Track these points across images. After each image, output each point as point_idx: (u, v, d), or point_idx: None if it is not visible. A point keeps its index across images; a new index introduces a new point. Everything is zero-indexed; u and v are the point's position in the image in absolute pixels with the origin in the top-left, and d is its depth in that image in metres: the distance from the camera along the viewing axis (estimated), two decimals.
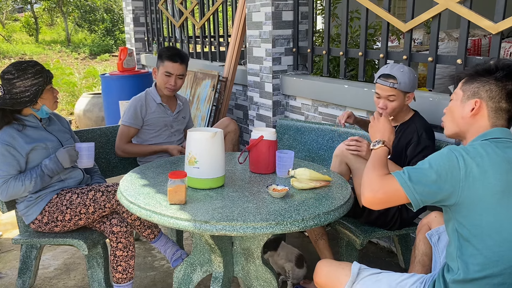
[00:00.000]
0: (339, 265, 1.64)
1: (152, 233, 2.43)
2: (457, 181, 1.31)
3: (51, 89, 2.25)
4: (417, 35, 5.69)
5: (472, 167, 1.31)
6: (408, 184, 1.35)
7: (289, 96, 3.48)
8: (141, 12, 5.97)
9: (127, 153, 2.81)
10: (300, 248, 2.58)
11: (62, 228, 2.25)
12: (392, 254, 2.86)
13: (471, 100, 1.41)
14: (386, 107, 2.16)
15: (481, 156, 1.32)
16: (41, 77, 2.17)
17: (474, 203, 1.32)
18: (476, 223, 1.33)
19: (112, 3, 17.63)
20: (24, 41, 15.97)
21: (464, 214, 1.35)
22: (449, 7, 2.43)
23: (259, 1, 3.37)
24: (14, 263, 2.81)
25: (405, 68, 2.13)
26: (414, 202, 1.35)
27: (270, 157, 2.16)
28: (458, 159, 1.32)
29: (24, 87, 2.14)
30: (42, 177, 2.16)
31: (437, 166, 1.34)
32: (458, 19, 2.46)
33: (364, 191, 1.43)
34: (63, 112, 7.30)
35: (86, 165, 2.30)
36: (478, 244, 1.34)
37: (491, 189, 1.30)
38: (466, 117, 1.42)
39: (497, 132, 1.39)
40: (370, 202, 1.41)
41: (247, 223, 1.61)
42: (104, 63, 12.54)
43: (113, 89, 4.61)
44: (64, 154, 2.18)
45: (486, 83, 1.40)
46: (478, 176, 1.30)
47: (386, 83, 2.12)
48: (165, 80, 2.75)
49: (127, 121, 2.77)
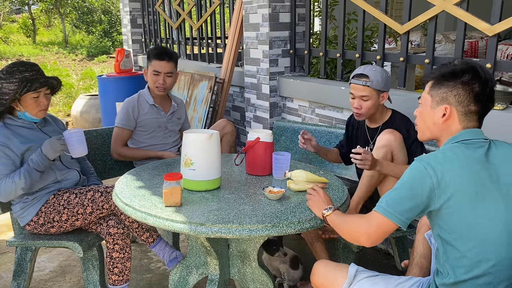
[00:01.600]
0: (336, 267, 1.64)
1: (151, 236, 2.40)
2: (431, 190, 1.34)
3: (36, 99, 2.14)
4: (414, 37, 5.70)
5: (443, 173, 1.33)
6: (388, 210, 1.38)
7: (286, 98, 3.48)
8: (138, 14, 5.96)
9: (122, 157, 2.79)
10: (296, 250, 2.57)
11: (58, 229, 2.23)
12: (389, 256, 2.86)
13: (441, 106, 1.43)
14: (360, 107, 2.18)
15: (451, 160, 1.35)
16: (23, 84, 2.08)
17: (450, 207, 1.33)
18: (455, 227, 1.35)
19: (110, 5, 17.60)
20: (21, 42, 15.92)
21: (443, 219, 1.36)
22: (445, 9, 2.43)
23: (256, 3, 3.37)
24: (9, 265, 2.80)
25: (378, 67, 2.17)
26: (400, 224, 1.38)
27: (266, 159, 2.15)
28: (427, 168, 1.34)
29: (8, 89, 2.09)
30: (30, 172, 2.09)
31: (409, 182, 1.37)
32: (455, 21, 2.46)
33: (358, 239, 1.46)
34: (60, 113, 7.28)
35: (79, 152, 2.15)
36: (460, 247, 1.35)
37: (464, 192, 1.32)
38: (438, 123, 1.44)
39: (467, 134, 1.41)
40: (369, 243, 1.44)
41: (243, 225, 1.60)
42: (101, 64, 12.51)
43: (110, 91, 4.60)
44: (46, 145, 2.11)
45: (453, 88, 1.40)
46: (450, 180, 1.32)
47: (359, 81, 2.15)
48: (154, 79, 2.73)
49: (119, 123, 2.76)
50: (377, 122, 2.28)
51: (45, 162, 2.12)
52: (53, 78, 2.22)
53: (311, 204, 1.73)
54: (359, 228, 1.45)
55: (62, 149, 2.13)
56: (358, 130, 2.40)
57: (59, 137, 2.14)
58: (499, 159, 1.37)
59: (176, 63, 2.79)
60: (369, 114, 2.21)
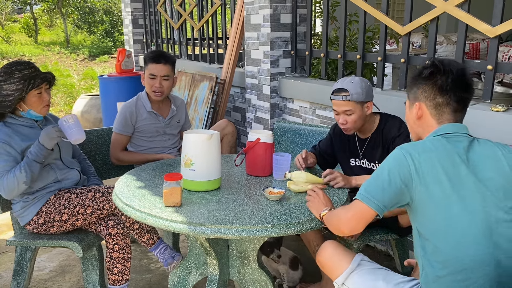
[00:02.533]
0: (344, 251, 1.67)
1: (151, 238, 2.39)
2: (408, 179, 1.36)
3: (39, 95, 2.16)
4: (415, 38, 5.69)
5: (421, 162, 1.35)
6: (365, 195, 1.41)
7: (287, 99, 3.48)
8: (140, 14, 5.97)
9: (121, 161, 2.77)
10: (296, 251, 2.57)
11: (59, 228, 2.23)
12: (390, 257, 2.85)
13: (414, 105, 1.51)
14: (346, 122, 2.09)
15: (430, 150, 1.38)
16: (26, 82, 2.09)
17: (427, 199, 1.35)
18: (432, 220, 1.35)
19: (112, 5, 17.64)
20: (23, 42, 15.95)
21: (420, 212, 1.38)
22: (447, 11, 2.43)
23: (258, 3, 3.37)
24: (8, 264, 2.80)
25: (356, 79, 2.08)
26: (377, 210, 1.40)
27: (266, 160, 2.15)
28: (406, 157, 1.37)
29: (9, 90, 2.09)
30: (30, 164, 2.08)
31: (387, 168, 1.40)
32: (457, 22, 2.46)
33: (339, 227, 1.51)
34: (61, 113, 7.29)
35: (77, 137, 2.11)
36: (437, 241, 1.35)
37: (441, 184, 1.34)
38: (416, 121, 1.52)
39: (448, 128, 1.44)
40: (348, 230, 1.48)
41: (242, 226, 1.60)
42: (103, 64, 12.53)
43: (111, 91, 4.60)
44: (42, 133, 2.11)
45: (420, 85, 1.48)
46: (427, 171, 1.35)
47: (338, 97, 2.06)
48: (151, 83, 2.67)
49: (117, 129, 2.73)
50: (367, 132, 2.20)
51: (43, 152, 2.09)
52: (48, 73, 2.24)
53: (311, 205, 1.74)
54: (340, 216, 1.50)
55: (59, 135, 2.11)
56: (347, 142, 2.29)
57: (55, 125, 2.14)
58: (479, 154, 1.39)
59: (173, 66, 2.74)
60: (357, 127, 2.13)
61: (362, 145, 2.22)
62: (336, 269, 1.63)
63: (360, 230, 1.48)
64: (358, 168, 2.23)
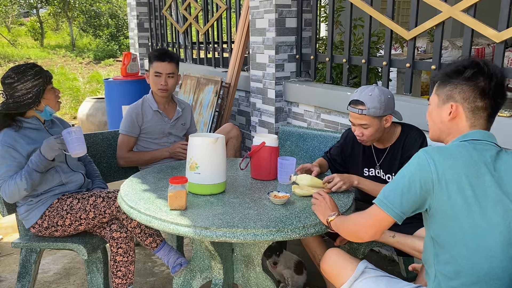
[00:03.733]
0: (348, 259, 1.65)
1: (154, 241, 2.39)
2: (429, 186, 1.31)
3: (52, 89, 2.24)
4: (420, 43, 5.70)
5: (445, 169, 1.29)
6: (384, 202, 1.36)
7: (292, 103, 3.48)
8: (145, 18, 6.00)
9: (128, 162, 2.78)
10: (301, 256, 2.56)
11: (62, 232, 2.24)
12: (394, 262, 2.84)
13: (447, 104, 1.40)
14: (362, 134, 2.03)
15: (455, 157, 1.31)
16: (40, 77, 2.17)
17: (447, 208, 1.30)
18: (449, 229, 1.32)
19: (117, 9, 17.73)
20: (29, 45, 16.05)
21: (438, 220, 1.33)
22: (453, 16, 2.43)
23: (263, 8, 3.38)
24: (13, 266, 2.81)
25: (375, 90, 1.97)
26: (395, 217, 1.36)
27: (271, 164, 2.15)
28: (429, 162, 1.31)
29: (25, 89, 2.14)
30: (30, 173, 2.10)
31: (409, 173, 1.34)
32: (462, 27, 2.46)
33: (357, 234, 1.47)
34: (67, 116, 7.32)
35: (78, 151, 2.12)
36: (452, 251, 1.32)
37: (463, 194, 1.28)
38: (445, 121, 1.42)
39: (477, 134, 1.37)
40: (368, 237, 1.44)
41: (247, 229, 1.60)
42: (108, 68, 12.59)
43: (116, 94, 4.62)
44: (44, 144, 2.12)
45: (457, 85, 1.38)
46: (451, 179, 1.29)
47: (355, 110, 1.98)
48: (156, 81, 2.72)
49: (124, 130, 2.75)
50: (386, 143, 2.12)
51: (43, 163, 2.11)
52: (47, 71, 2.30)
53: (316, 209, 1.73)
54: (358, 222, 1.47)
55: (61, 148, 2.13)
56: (361, 151, 2.22)
57: (57, 136, 2.14)
58: (506, 166, 1.33)
59: (177, 64, 2.78)
60: (374, 139, 2.05)
61: (380, 155, 2.16)
62: (340, 277, 1.61)
63: (379, 236, 1.44)
64: (373, 178, 2.17)
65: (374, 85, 2.04)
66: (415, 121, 2.32)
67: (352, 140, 2.23)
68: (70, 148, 2.11)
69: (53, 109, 2.25)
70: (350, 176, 2.06)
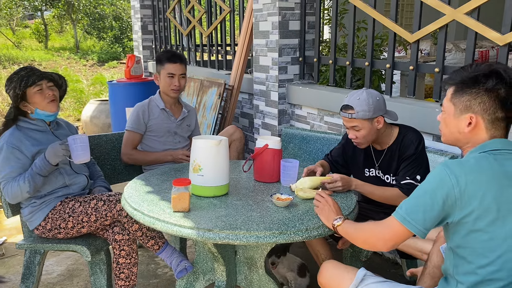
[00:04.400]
0: (345, 269, 1.63)
1: (156, 243, 2.39)
2: (452, 201, 1.28)
3: (41, 91, 2.19)
4: (424, 45, 5.69)
5: (467, 184, 1.27)
6: (406, 219, 1.34)
7: (295, 105, 3.48)
8: (149, 20, 6.02)
9: (132, 160, 2.82)
10: (303, 258, 2.56)
11: (65, 235, 2.25)
12: (397, 265, 2.83)
13: (465, 115, 1.35)
14: (356, 137, 2.08)
15: (476, 171, 1.28)
16: (22, 82, 2.15)
17: (470, 221, 1.28)
18: (471, 242, 1.30)
19: (121, 11, 17.80)
20: (33, 47, 16.14)
21: (460, 232, 1.32)
22: (456, 18, 2.42)
23: (266, 11, 3.39)
24: (17, 268, 2.82)
25: (363, 94, 2.01)
26: (418, 234, 1.34)
27: (274, 166, 2.15)
28: (450, 178, 1.28)
29: (14, 95, 2.17)
30: (34, 176, 2.11)
31: (430, 190, 1.31)
32: (465, 30, 2.46)
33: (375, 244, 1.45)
34: (70, 118, 7.35)
35: (82, 159, 2.14)
36: (472, 262, 1.31)
37: (487, 207, 1.26)
38: (463, 132, 1.37)
39: (497, 143, 1.34)
40: (386, 248, 1.43)
41: (250, 232, 1.60)
42: (112, 70, 12.64)
43: (120, 96, 4.63)
44: (49, 149, 2.13)
45: (477, 96, 1.32)
46: (473, 194, 1.26)
47: (345, 114, 2.04)
48: (169, 81, 2.79)
49: (130, 126, 2.80)
50: (383, 145, 2.16)
51: (47, 167, 2.13)
52: (52, 73, 2.28)
53: (320, 212, 1.72)
54: (376, 234, 1.43)
55: (64, 154, 2.14)
56: (362, 151, 2.25)
57: (63, 142, 2.15)
58: None
59: (186, 65, 2.89)
60: (368, 141, 2.10)
61: (379, 156, 2.19)
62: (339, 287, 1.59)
63: (397, 247, 1.44)
64: (373, 179, 2.21)
65: (363, 89, 2.08)
66: (418, 124, 2.32)
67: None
68: (74, 156, 2.14)
69: (44, 110, 2.22)
70: (350, 179, 2.08)
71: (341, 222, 1.62)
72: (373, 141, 2.15)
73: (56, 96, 2.26)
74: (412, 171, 2.04)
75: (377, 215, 2.22)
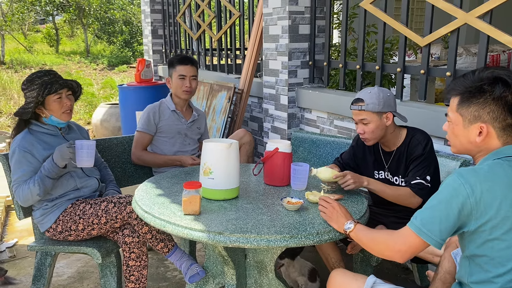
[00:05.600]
0: (353, 277, 1.62)
1: (166, 246, 2.39)
2: (468, 211, 1.27)
3: (59, 100, 2.22)
4: (434, 50, 5.66)
5: (482, 193, 1.25)
6: (422, 230, 1.32)
7: (305, 109, 3.48)
8: (159, 25, 6.06)
9: (141, 161, 2.84)
10: (314, 262, 2.55)
11: (76, 237, 2.26)
12: (408, 271, 2.81)
13: (475, 125, 1.33)
14: (364, 132, 2.09)
15: (491, 179, 1.27)
16: (44, 88, 2.17)
17: (486, 230, 1.27)
18: (488, 251, 1.29)
19: (131, 16, 17.94)
20: (44, 51, 16.31)
21: (476, 241, 1.30)
22: (468, 22, 2.41)
23: (276, 15, 3.40)
24: (28, 270, 2.84)
25: (374, 89, 2.07)
26: (435, 245, 1.32)
27: (285, 170, 2.15)
28: (465, 187, 1.26)
29: (31, 97, 2.18)
30: (43, 179, 2.13)
31: (445, 200, 1.29)
32: (476, 34, 2.44)
33: (390, 256, 1.43)
34: (81, 121, 7.41)
35: (86, 163, 2.18)
36: (489, 271, 1.29)
37: (503, 215, 1.25)
38: (474, 141, 1.35)
39: (510, 149, 1.32)
40: (403, 260, 1.41)
41: (261, 235, 1.60)
42: (121, 74, 12.73)
43: (130, 100, 4.66)
44: (56, 151, 2.15)
45: (485, 105, 1.31)
46: (489, 202, 1.25)
47: (355, 107, 2.08)
48: (180, 83, 2.83)
49: (140, 127, 2.83)
50: (391, 146, 2.17)
51: (55, 170, 2.15)
52: (72, 81, 2.30)
53: (328, 218, 1.70)
54: (392, 247, 1.41)
55: (70, 158, 2.16)
56: (371, 154, 2.26)
57: (70, 144, 2.17)
58: None
59: (197, 67, 2.93)
60: (376, 137, 2.11)
61: (388, 158, 2.19)
62: None
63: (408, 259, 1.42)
64: (383, 181, 2.20)
65: (375, 86, 2.12)
66: (429, 128, 2.31)
67: (363, 143, 2.26)
68: (78, 160, 2.17)
69: (58, 119, 2.25)
70: (361, 176, 2.08)
71: (353, 228, 1.60)
72: (382, 142, 2.16)
73: (72, 107, 2.31)
74: (422, 172, 2.03)
75: (387, 219, 2.21)
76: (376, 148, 2.24)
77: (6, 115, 7.46)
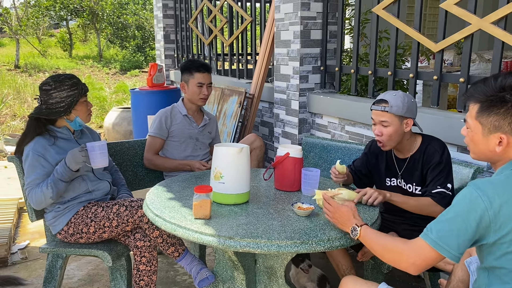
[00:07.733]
0: (365, 284, 1.59)
1: (176, 250, 2.39)
2: (486, 223, 1.24)
3: (85, 102, 2.31)
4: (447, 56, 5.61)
5: (501, 205, 1.23)
6: (439, 244, 1.29)
7: (316, 114, 3.47)
8: (171, 30, 6.11)
9: (153, 165, 2.86)
10: (323, 269, 2.53)
11: (87, 240, 2.28)
12: (420, 278, 2.77)
13: (495, 134, 1.32)
14: (381, 134, 2.05)
15: (510, 190, 1.24)
16: (76, 89, 2.25)
17: (506, 242, 1.25)
18: (507, 263, 1.26)
19: (144, 21, 18.12)
20: (58, 56, 16.53)
21: (495, 253, 1.28)
22: (482, 28, 2.39)
23: (288, 20, 3.40)
24: (39, 271, 2.86)
25: (400, 92, 2.04)
26: (453, 259, 1.29)
27: (295, 175, 2.14)
28: (483, 199, 1.24)
29: (60, 98, 2.21)
30: (56, 182, 2.15)
31: (462, 213, 1.26)
32: (490, 40, 2.42)
33: (404, 268, 1.40)
34: (93, 125, 7.48)
35: (100, 164, 2.20)
36: (509, 283, 1.27)
37: None
38: (494, 150, 1.33)
39: None
40: (416, 272, 1.38)
41: (271, 240, 1.59)
42: (134, 78, 12.83)
43: (142, 104, 4.70)
44: (69, 155, 2.17)
45: (506, 115, 1.29)
46: (509, 215, 1.22)
47: (377, 107, 2.04)
48: (198, 91, 2.86)
49: (152, 132, 2.86)
50: (406, 153, 2.13)
51: (68, 173, 2.16)
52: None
53: (337, 221, 1.67)
54: (406, 259, 1.37)
55: (84, 161, 2.18)
56: (384, 160, 2.23)
57: (82, 148, 2.18)
58: None
59: (211, 74, 2.96)
60: (392, 142, 2.07)
61: (401, 165, 2.16)
62: None
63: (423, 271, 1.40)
64: (395, 188, 2.18)
65: (399, 90, 2.09)
66: (442, 134, 2.29)
67: (376, 150, 2.24)
68: (92, 162, 2.19)
69: (83, 121, 2.33)
70: (382, 191, 2.04)
71: (359, 233, 1.56)
72: (397, 147, 2.13)
73: None
74: (442, 180, 2.00)
75: (399, 226, 2.19)
76: (389, 155, 2.21)
77: (20, 118, 7.56)
